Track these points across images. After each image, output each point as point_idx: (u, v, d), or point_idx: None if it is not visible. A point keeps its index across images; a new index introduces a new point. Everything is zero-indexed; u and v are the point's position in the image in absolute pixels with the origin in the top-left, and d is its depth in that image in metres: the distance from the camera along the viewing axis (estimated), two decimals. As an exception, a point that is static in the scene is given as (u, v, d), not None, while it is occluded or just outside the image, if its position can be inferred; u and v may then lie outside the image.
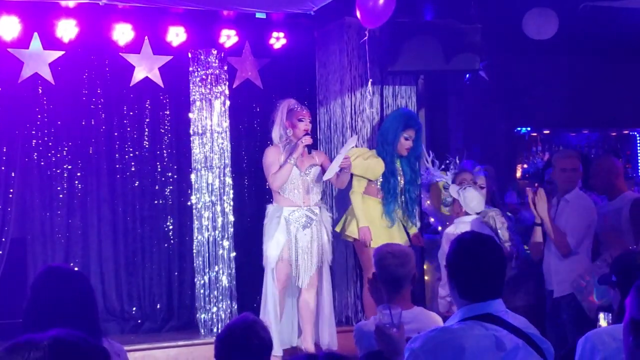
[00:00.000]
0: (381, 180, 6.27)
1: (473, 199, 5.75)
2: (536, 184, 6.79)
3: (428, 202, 6.70)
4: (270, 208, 6.11)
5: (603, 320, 4.08)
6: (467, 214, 5.82)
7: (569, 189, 5.62)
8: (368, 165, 6.24)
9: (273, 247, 5.98)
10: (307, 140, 5.99)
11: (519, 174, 8.99)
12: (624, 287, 3.25)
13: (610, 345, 2.90)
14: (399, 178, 6.32)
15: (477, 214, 5.84)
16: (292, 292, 6.23)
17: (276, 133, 6.15)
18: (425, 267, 6.72)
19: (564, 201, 5.61)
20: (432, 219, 6.77)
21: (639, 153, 9.43)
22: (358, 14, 5.66)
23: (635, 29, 7.61)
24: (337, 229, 6.41)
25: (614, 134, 9.73)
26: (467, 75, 7.20)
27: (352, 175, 6.25)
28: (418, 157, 6.47)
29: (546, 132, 9.41)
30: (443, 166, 6.59)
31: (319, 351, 5.69)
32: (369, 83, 6.57)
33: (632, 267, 3.27)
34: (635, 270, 3.11)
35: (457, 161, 6.56)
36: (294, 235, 5.99)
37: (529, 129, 9.15)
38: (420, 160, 6.56)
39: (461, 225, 5.69)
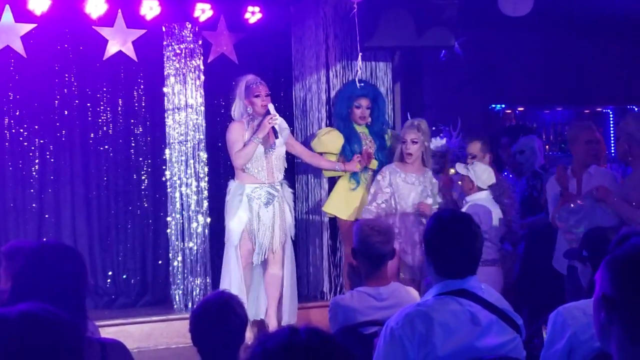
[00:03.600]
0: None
1: (484, 172, 5.69)
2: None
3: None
4: (232, 185, 6.06)
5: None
6: (479, 189, 5.71)
7: (592, 161, 5.47)
8: (324, 141, 6.41)
9: (235, 223, 5.95)
10: (274, 121, 5.93)
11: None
12: (595, 262, 3.29)
13: (581, 320, 2.93)
14: (364, 145, 6.37)
15: (489, 187, 5.74)
16: (256, 268, 6.23)
17: (237, 110, 6.12)
18: None
19: (587, 174, 5.43)
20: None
21: (612, 130, 9.50)
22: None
23: (610, 7, 7.65)
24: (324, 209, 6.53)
25: (587, 111, 9.80)
26: (443, 52, 7.19)
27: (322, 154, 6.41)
28: (384, 123, 6.58)
29: (520, 109, 9.45)
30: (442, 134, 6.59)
31: (283, 328, 5.69)
32: (359, 57, 6.51)
33: (603, 242, 3.29)
34: (606, 245, 3.12)
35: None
36: (257, 212, 5.97)
37: (503, 105, 9.18)
38: (387, 126, 6.63)
39: (472, 207, 5.59)
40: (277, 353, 1.51)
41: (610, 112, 9.67)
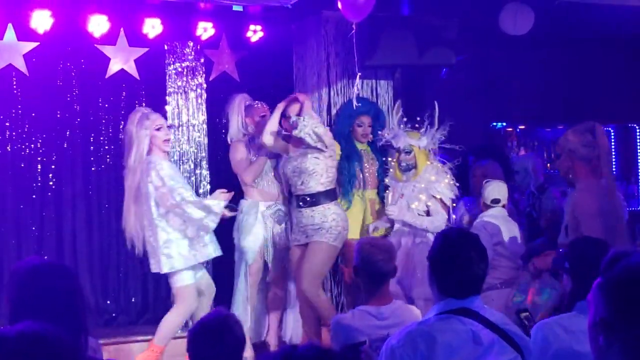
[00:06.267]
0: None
1: (486, 188, 5.65)
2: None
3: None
4: (244, 204, 6.05)
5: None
6: (486, 206, 5.68)
7: None
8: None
9: (251, 242, 5.95)
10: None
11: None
12: (577, 275, 3.23)
13: (562, 336, 2.90)
14: (365, 164, 6.29)
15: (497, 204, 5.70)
16: (261, 287, 6.22)
17: (234, 129, 6.11)
18: None
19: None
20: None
21: (613, 149, 9.49)
22: (340, 5, 5.62)
23: (610, 25, 7.67)
24: None
25: (588, 129, 9.79)
26: (444, 70, 7.21)
27: None
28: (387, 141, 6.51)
29: (521, 127, 9.46)
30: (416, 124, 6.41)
31: (284, 345, 5.68)
32: (357, 77, 6.50)
33: (587, 256, 3.20)
34: (590, 259, 3.02)
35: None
36: (272, 230, 5.99)
37: (504, 124, 9.19)
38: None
39: (478, 223, 5.59)
40: None
41: (612, 131, 9.67)
